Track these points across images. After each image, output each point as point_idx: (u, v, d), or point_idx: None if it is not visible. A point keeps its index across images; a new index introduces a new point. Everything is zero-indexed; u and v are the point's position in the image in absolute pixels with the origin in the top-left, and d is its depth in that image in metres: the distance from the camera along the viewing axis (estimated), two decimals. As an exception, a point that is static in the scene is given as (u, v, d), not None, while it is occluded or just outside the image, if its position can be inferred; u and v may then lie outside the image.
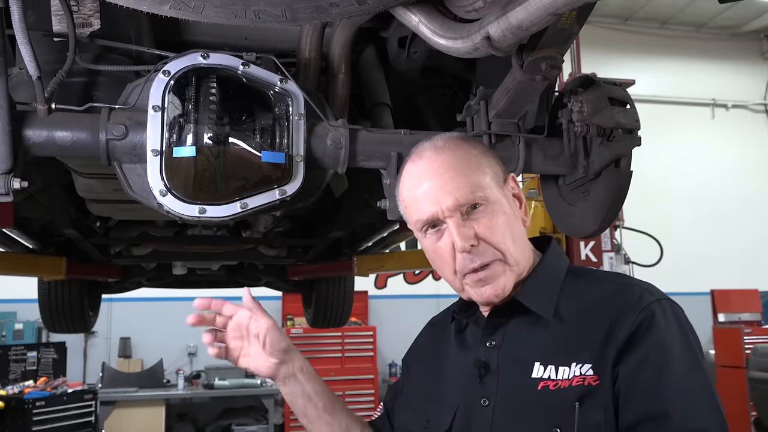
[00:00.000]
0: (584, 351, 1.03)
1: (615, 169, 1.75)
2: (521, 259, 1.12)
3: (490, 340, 1.13)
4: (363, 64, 2.01)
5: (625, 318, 1.02)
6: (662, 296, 1.06)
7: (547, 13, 1.20)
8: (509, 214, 1.12)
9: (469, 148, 1.14)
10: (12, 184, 1.44)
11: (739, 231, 10.32)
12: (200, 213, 1.49)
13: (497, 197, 1.12)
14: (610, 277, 1.16)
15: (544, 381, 1.04)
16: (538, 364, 1.06)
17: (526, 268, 1.13)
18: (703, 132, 10.86)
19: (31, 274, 3.37)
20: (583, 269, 1.20)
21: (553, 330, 1.08)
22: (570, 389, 1.01)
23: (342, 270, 3.71)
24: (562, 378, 1.03)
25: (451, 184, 1.09)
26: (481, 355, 1.12)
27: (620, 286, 1.09)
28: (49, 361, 6.79)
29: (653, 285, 1.09)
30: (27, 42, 1.37)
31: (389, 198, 1.70)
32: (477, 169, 1.12)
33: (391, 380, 8.58)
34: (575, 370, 1.02)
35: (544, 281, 1.13)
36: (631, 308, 1.03)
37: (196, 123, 1.49)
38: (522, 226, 1.15)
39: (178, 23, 1.79)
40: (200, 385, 7.90)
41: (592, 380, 1.01)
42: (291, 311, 8.33)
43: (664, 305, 1.04)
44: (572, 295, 1.11)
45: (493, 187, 1.12)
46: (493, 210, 1.10)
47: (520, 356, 1.09)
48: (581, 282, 1.13)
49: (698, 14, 10.64)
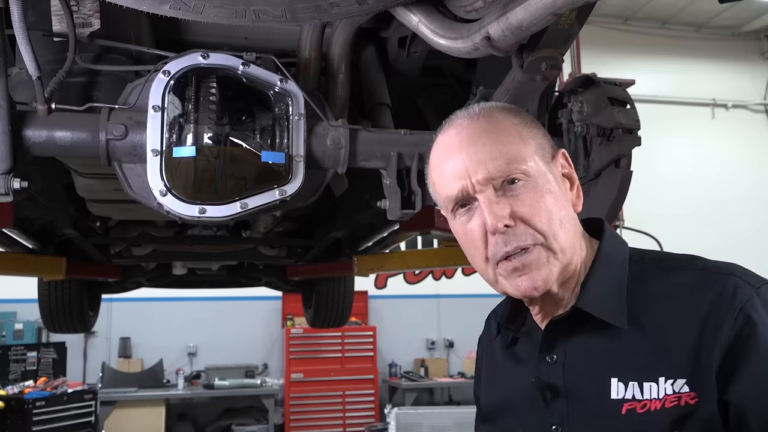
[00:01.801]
0: (673, 362, 0.85)
1: (615, 168, 1.75)
2: (568, 248, 0.92)
3: (551, 355, 0.95)
4: (363, 64, 2.01)
5: (722, 317, 0.84)
6: (761, 281, 0.88)
7: (547, 13, 1.20)
8: (557, 193, 0.93)
9: (508, 116, 0.96)
10: (12, 184, 1.44)
11: (740, 230, 10.31)
12: (200, 213, 1.49)
13: (541, 171, 0.93)
14: (684, 261, 0.94)
15: (629, 402, 0.86)
16: (616, 382, 0.88)
17: (575, 260, 0.94)
18: (703, 132, 10.86)
19: (31, 274, 3.37)
20: (648, 253, 0.97)
21: (628, 337, 0.90)
22: (664, 411, 0.84)
23: (342, 270, 3.70)
24: (651, 398, 0.85)
25: (482, 152, 0.92)
26: (543, 374, 0.95)
27: (705, 274, 0.90)
28: (49, 361, 6.79)
29: (743, 268, 0.91)
30: (27, 42, 1.37)
31: (389, 198, 1.70)
32: (517, 138, 0.93)
33: (391, 380, 8.59)
34: (666, 387, 0.85)
35: (610, 279, 0.93)
36: (726, 304, 0.85)
37: (196, 123, 1.49)
38: (573, 211, 0.96)
39: (178, 23, 1.79)
40: (200, 385, 7.91)
41: (689, 398, 0.83)
42: (291, 311, 8.34)
43: (765, 292, 0.86)
44: (644, 290, 0.92)
45: (536, 160, 0.93)
46: (536, 186, 0.91)
47: (591, 373, 0.91)
48: (652, 271, 0.93)
49: (698, 14, 10.64)
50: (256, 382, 7.85)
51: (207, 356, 8.43)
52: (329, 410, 8.16)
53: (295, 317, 8.20)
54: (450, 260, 3.33)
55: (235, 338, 8.52)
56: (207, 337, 8.49)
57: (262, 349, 8.73)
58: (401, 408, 5.96)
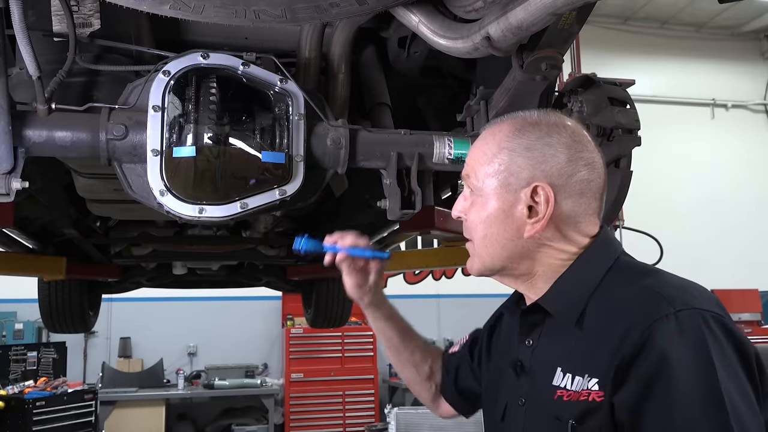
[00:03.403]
0: (596, 362, 0.96)
1: (615, 169, 1.74)
2: (487, 258, 1.09)
3: (528, 339, 1.11)
4: (363, 64, 2.01)
5: (636, 331, 0.92)
6: (688, 305, 0.92)
7: (547, 13, 1.20)
8: (492, 215, 1.07)
9: (512, 132, 1.08)
10: (12, 184, 1.44)
11: (739, 230, 10.32)
12: (200, 213, 1.49)
13: (485, 192, 1.08)
14: (648, 277, 1.01)
15: (561, 390, 1.00)
16: (559, 371, 1.01)
17: (495, 265, 1.09)
18: (703, 132, 10.86)
19: (31, 274, 3.37)
20: (633, 266, 1.07)
21: (579, 335, 1.01)
22: (578, 403, 0.96)
23: (342, 270, 3.69)
24: (575, 389, 0.97)
25: (469, 155, 1.13)
26: (520, 354, 1.12)
27: (646, 290, 0.97)
28: (49, 361, 6.79)
29: (687, 291, 0.96)
30: (27, 42, 1.37)
31: (389, 198, 1.70)
32: (488, 156, 1.08)
33: (391, 380, 8.59)
34: (586, 382, 0.96)
35: (573, 282, 1.05)
36: (643, 319, 0.92)
37: (196, 123, 1.49)
38: (511, 234, 1.06)
39: (178, 23, 1.79)
40: (200, 385, 7.91)
41: (596, 396, 0.94)
42: (291, 311, 8.33)
43: (685, 317, 0.90)
44: (605, 298, 1.01)
45: (490, 182, 1.07)
46: (478, 200, 1.09)
47: (548, 359, 1.05)
48: (618, 281, 1.02)
49: (698, 14, 10.64)
50: (256, 382, 7.85)
51: (207, 356, 8.43)
52: (329, 410, 8.15)
53: (295, 317, 8.19)
54: (450, 260, 3.33)
55: (235, 338, 8.51)
56: (207, 337, 8.49)
57: (262, 349, 8.73)
58: (401, 408, 5.96)
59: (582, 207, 1.06)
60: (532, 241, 1.06)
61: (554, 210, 1.04)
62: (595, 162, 1.08)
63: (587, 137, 1.09)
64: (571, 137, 1.06)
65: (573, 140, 1.06)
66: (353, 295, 1.42)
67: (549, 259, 1.07)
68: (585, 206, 1.06)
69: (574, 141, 1.07)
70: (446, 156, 1.68)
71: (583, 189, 1.06)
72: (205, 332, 8.48)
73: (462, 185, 1.14)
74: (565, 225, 1.06)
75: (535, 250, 1.07)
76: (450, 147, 1.68)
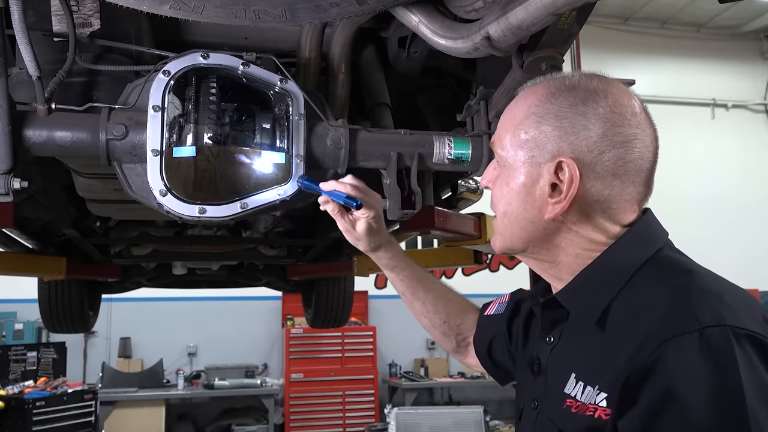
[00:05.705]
0: (608, 373, 0.83)
1: (615, 169, 1.74)
2: (507, 236, 0.99)
3: (550, 335, 1.00)
4: (363, 64, 2.01)
5: (648, 345, 0.79)
6: (720, 321, 0.77)
7: (547, 13, 1.20)
8: (514, 190, 0.96)
9: (541, 99, 0.95)
10: (12, 184, 1.44)
11: (739, 230, 10.32)
12: (200, 213, 1.49)
13: (509, 164, 0.97)
14: (683, 277, 0.87)
15: (570, 399, 0.88)
16: (573, 377, 0.89)
17: (516, 246, 0.99)
18: (703, 132, 10.86)
19: (31, 274, 3.37)
20: (673, 262, 0.93)
21: (598, 339, 0.89)
22: (584, 417, 0.84)
23: (342, 270, 3.70)
24: (584, 401, 0.86)
25: (500, 120, 1.01)
26: (539, 350, 1.01)
27: (674, 294, 0.83)
28: (49, 361, 6.79)
29: (739, 298, 0.82)
30: (27, 42, 1.37)
31: (389, 198, 1.70)
32: (517, 123, 0.96)
33: (391, 380, 8.59)
34: (595, 396, 0.84)
35: (597, 276, 0.92)
36: (660, 331, 0.78)
37: (196, 123, 1.49)
38: (532, 214, 0.95)
39: (178, 23, 1.79)
40: (200, 385, 7.91)
41: (603, 413, 0.82)
42: (291, 311, 8.34)
43: (713, 336, 0.75)
44: (628, 297, 0.88)
45: (514, 153, 0.96)
46: (503, 171, 0.98)
47: (564, 362, 0.94)
48: (649, 279, 0.88)
49: (698, 14, 10.64)
50: (256, 382, 7.85)
51: (207, 356, 8.44)
52: (329, 410, 8.16)
53: (295, 317, 8.19)
54: (450, 260, 3.33)
55: (235, 338, 8.52)
56: (207, 337, 8.50)
57: (262, 349, 8.74)
58: (401, 408, 5.96)
59: (615, 191, 0.91)
60: (554, 224, 0.94)
61: (579, 190, 0.90)
62: (637, 140, 0.92)
63: (633, 110, 0.94)
64: (610, 107, 0.91)
65: (612, 111, 0.91)
66: (348, 239, 1.39)
67: (574, 247, 0.94)
68: (619, 190, 0.92)
69: (614, 112, 0.91)
70: (446, 156, 1.68)
71: (617, 170, 0.91)
72: (205, 332, 8.49)
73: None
74: (593, 210, 0.92)
75: (558, 234, 0.94)
76: (450, 147, 1.68)
